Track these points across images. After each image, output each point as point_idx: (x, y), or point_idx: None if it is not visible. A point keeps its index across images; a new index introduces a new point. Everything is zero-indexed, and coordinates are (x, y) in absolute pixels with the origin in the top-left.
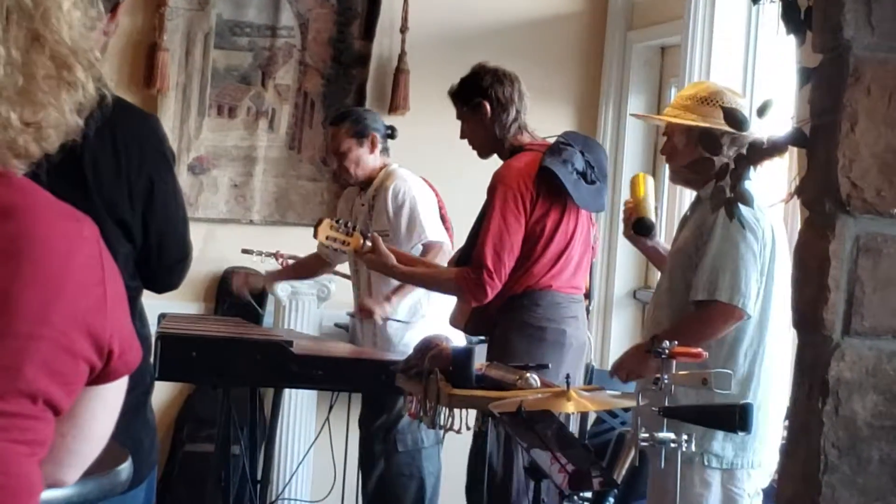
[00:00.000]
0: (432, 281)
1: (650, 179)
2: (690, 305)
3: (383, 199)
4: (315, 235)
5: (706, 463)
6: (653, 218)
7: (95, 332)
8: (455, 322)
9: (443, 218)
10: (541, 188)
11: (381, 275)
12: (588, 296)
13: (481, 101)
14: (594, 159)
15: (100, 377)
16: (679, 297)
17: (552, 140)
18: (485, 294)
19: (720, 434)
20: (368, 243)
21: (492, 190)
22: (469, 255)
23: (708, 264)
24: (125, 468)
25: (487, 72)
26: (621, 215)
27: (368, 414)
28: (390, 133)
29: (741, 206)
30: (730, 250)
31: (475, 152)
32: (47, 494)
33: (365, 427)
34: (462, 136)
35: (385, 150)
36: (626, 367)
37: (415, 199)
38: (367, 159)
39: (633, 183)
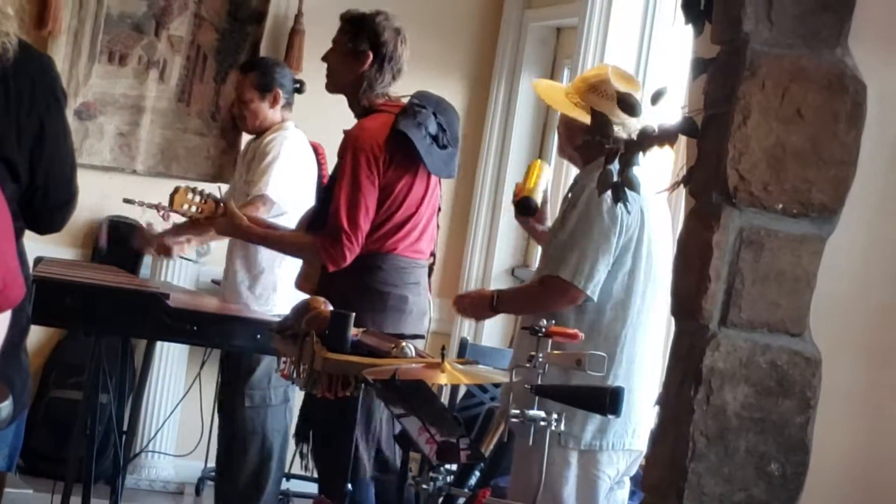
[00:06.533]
0: (288, 245)
1: (546, 166)
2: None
3: (261, 148)
4: (170, 204)
5: (562, 443)
6: (538, 199)
7: None
8: (301, 286)
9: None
10: (394, 152)
11: (241, 245)
12: (433, 255)
13: (367, 54)
14: (446, 122)
15: None
16: None
17: (405, 100)
18: (344, 258)
19: (580, 414)
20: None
21: (343, 152)
22: (320, 218)
23: (559, 241)
24: (5, 406)
25: (390, 28)
26: (509, 195)
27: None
28: (298, 88)
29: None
30: (584, 231)
31: (326, 80)
32: None
33: (224, 379)
34: (324, 59)
35: (288, 105)
36: (466, 306)
37: (279, 155)
38: (266, 113)
39: (530, 167)
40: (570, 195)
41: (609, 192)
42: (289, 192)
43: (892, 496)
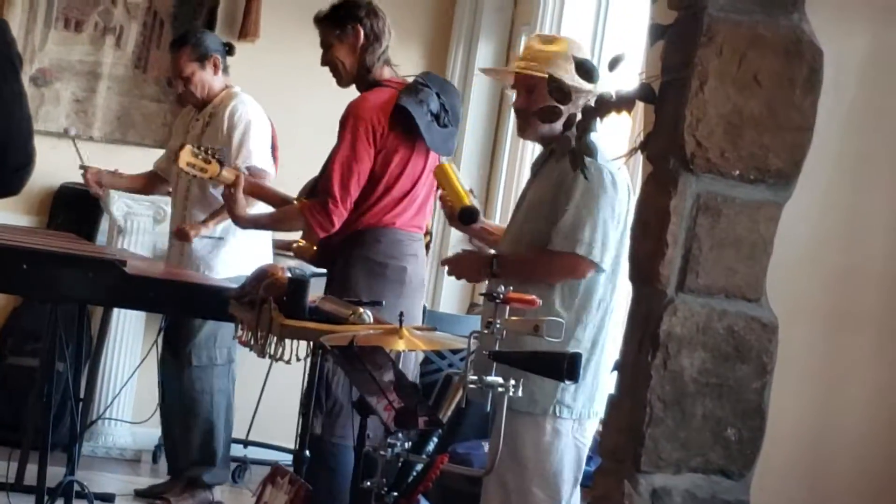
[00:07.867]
0: (279, 223)
1: (454, 167)
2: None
3: (220, 117)
4: (175, 160)
5: (558, 413)
6: (474, 203)
7: None
8: (299, 255)
9: (273, 147)
10: (394, 126)
11: (198, 199)
12: (429, 233)
13: (357, 27)
14: (449, 103)
15: None
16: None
17: (411, 79)
18: (331, 223)
19: (572, 385)
20: (225, 172)
21: (344, 121)
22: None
23: (569, 217)
24: None
25: (361, 4)
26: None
27: (172, 327)
28: (228, 50)
29: (604, 162)
30: (591, 204)
31: (335, 80)
32: None
33: (168, 340)
34: (324, 63)
35: (226, 70)
36: (458, 268)
37: (250, 123)
38: (211, 81)
39: (442, 175)
40: (542, 163)
41: (608, 163)
42: (267, 158)
43: (846, 461)
